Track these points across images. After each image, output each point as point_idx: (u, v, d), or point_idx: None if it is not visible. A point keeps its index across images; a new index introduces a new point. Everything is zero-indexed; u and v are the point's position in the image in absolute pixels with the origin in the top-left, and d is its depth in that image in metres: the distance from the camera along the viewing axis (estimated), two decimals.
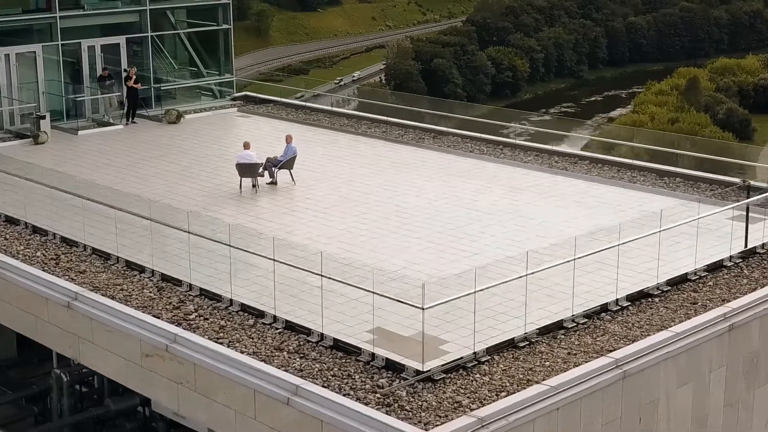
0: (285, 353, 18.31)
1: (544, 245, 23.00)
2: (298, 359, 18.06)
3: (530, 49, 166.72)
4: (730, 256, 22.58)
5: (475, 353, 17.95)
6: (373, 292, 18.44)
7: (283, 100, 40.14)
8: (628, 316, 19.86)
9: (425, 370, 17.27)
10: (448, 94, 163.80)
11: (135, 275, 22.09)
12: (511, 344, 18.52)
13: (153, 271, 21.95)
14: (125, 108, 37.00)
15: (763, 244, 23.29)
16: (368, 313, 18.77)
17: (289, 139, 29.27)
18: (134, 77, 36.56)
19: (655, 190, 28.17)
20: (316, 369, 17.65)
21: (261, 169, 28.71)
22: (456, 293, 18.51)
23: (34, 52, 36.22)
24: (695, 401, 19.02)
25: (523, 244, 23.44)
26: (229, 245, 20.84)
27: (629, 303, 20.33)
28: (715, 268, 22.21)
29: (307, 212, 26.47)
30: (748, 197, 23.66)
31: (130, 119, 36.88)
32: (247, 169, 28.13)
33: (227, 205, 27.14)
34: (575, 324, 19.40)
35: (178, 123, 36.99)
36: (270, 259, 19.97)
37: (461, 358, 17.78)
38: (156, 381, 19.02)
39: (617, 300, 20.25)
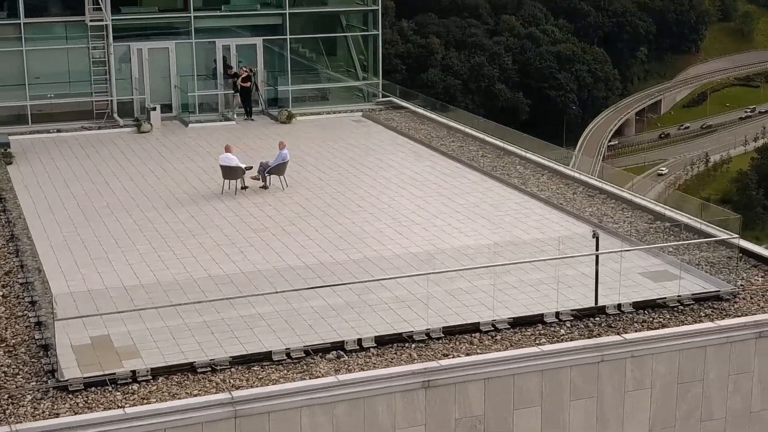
0: (5, 348, 19.27)
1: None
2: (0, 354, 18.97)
3: None
4: (557, 312, 20.19)
5: (134, 371, 17.88)
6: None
7: (420, 110, 39.86)
8: (359, 358, 18.64)
9: (63, 379, 17.56)
10: None
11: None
12: (190, 367, 18.19)
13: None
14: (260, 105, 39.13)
15: (621, 304, 20.52)
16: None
17: (281, 145, 29.72)
18: (244, 76, 38.27)
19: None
20: None
21: (257, 173, 29.39)
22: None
23: (167, 48, 39.07)
24: None
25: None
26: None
27: (376, 345, 19.04)
28: (532, 322, 20.02)
29: (246, 218, 26.82)
30: (597, 249, 20.90)
31: (249, 116, 38.71)
32: (227, 172, 28.94)
33: (192, 203, 28.12)
34: (286, 358, 18.58)
35: (289, 123, 38.26)
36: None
37: (113, 373, 17.80)
38: None
39: (360, 340, 19.04)
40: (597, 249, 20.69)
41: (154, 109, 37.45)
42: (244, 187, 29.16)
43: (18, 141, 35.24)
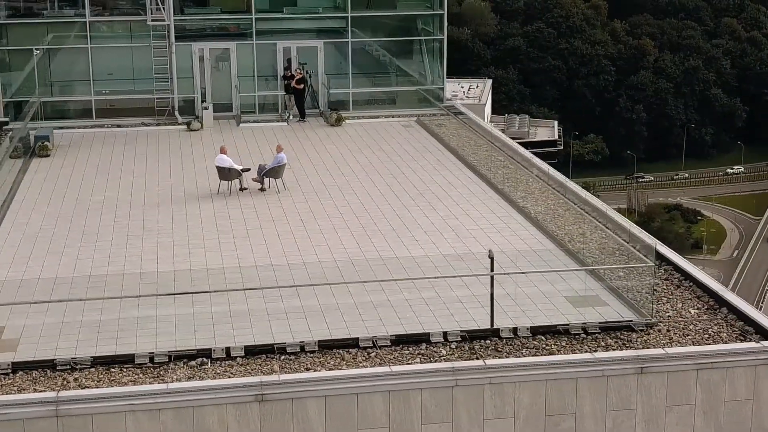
0: None
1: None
2: None
3: None
4: (445, 332, 19.51)
5: None
6: None
7: (476, 117, 39.14)
8: (220, 367, 18.56)
9: None
10: None
11: None
12: (51, 364, 18.52)
13: None
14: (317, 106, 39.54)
15: (515, 329, 19.63)
16: None
17: (278, 148, 29.87)
18: (298, 78, 38.58)
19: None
20: None
21: (257, 175, 29.63)
22: None
23: (229, 48, 39.81)
24: None
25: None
26: None
27: (244, 355, 18.91)
28: (418, 341, 19.41)
29: (222, 219, 27.06)
30: (492, 270, 20.01)
31: (302, 118, 39.03)
32: (221, 173, 29.28)
33: (181, 202, 28.55)
34: (148, 362, 18.69)
35: (338, 126, 38.31)
36: None
37: None
38: None
39: (228, 349, 18.93)
40: (492, 270, 19.84)
41: (207, 108, 38.20)
42: (242, 189, 29.42)
43: (69, 134, 36.82)
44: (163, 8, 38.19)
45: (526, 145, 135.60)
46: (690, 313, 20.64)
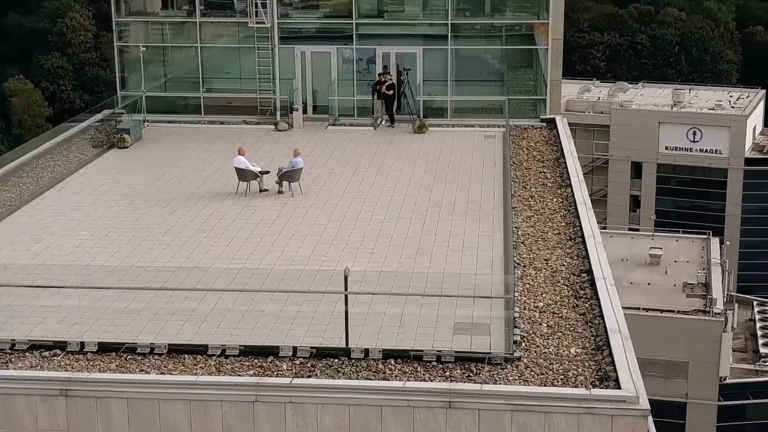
0: None
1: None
2: None
3: None
4: (295, 347, 19.46)
5: None
6: None
7: (563, 132, 37.85)
8: (69, 360, 19.46)
9: None
10: None
11: None
12: None
13: None
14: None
15: (368, 350, 19.28)
16: None
17: (295, 153, 30.27)
18: (387, 83, 38.74)
19: None
20: None
21: (277, 177, 30.27)
22: None
23: (329, 52, 40.52)
24: None
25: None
26: None
27: (97, 351, 19.68)
28: (267, 353, 19.51)
29: (214, 218, 27.85)
30: (345, 289, 19.58)
31: (391, 123, 39.19)
32: (239, 173, 30.08)
33: (191, 200, 29.54)
34: (8, 348, 19.82)
35: (421, 133, 38.17)
36: None
37: None
38: None
39: (83, 344, 19.75)
40: (346, 289, 19.52)
41: (297, 109, 39.12)
42: (262, 190, 30.11)
43: (165, 128, 38.72)
44: (265, 12, 39.30)
45: None
46: (569, 352, 19.50)
